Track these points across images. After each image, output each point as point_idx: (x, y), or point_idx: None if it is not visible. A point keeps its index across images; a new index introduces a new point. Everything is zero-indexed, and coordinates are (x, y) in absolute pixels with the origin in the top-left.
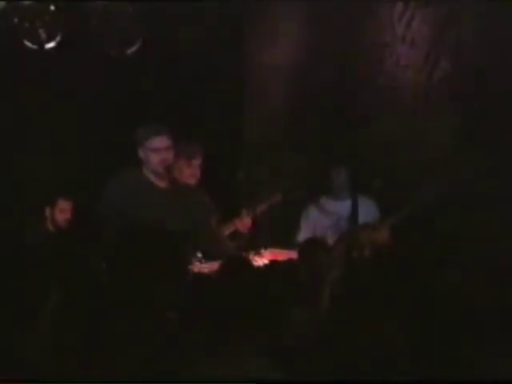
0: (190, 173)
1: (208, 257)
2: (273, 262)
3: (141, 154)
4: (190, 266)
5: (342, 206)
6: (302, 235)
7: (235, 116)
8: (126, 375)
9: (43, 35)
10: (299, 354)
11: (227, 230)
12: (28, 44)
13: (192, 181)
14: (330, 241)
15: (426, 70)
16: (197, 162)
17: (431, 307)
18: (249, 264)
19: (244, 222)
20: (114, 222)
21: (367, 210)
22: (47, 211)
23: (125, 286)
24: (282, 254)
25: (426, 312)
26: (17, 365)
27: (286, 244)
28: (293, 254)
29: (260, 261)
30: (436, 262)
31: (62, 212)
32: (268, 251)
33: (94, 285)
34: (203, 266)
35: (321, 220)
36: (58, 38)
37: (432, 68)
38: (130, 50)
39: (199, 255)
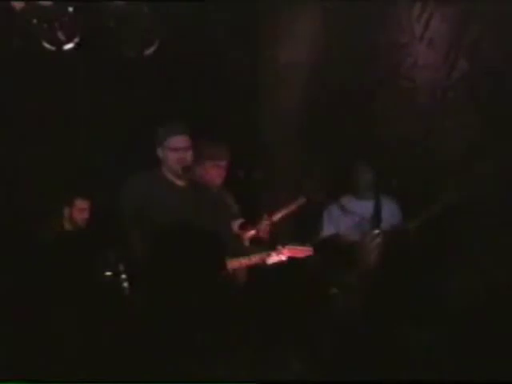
0: (216, 174)
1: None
2: (291, 259)
3: (160, 153)
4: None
5: (365, 207)
6: (325, 235)
7: (251, 115)
8: (125, 375)
9: (61, 36)
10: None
11: (248, 234)
12: (46, 45)
13: (218, 182)
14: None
15: (445, 70)
16: (223, 163)
17: (447, 307)
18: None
19: (265, 228)
20: (133, 221)
21: (390, 211)
22: (65, 211)
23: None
24: (301, 251)
25: (439, 313)
26: (17, 365)
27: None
28: (311, 251)
29: (277, 258)
30: (457, 262)
31: (80, 211)
32: (286, 248)
33: (110, 284)
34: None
35: (343, 220)
36: (76, 39)
37: (450, 68)
38: (148, 51)
39: None
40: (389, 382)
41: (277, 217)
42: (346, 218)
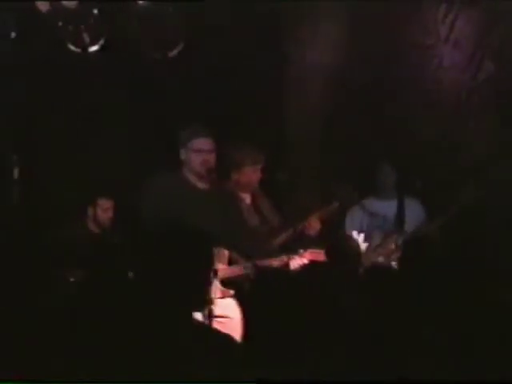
0: (255, 178)
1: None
2: (312, 263)
3: (183, 154)
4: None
5: (388, 207)
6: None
7: (276, 116)
8: (125, 375)
9: (87, 38)
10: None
11: (282, 238)
12: (72, 47)
13: (255, 185)
14: (377, 242)
15: (470, 71)
16: (259, 167)
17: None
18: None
19: (314, 226)
20: (154, 222)
21: (413, 211)
22: (89, 211)
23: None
24: (322, 255)
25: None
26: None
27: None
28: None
29: (300, 261)
30: (476, 261)
31: (104, 211)
32: (308, 252)
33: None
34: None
35: (366, 221)
36: (101, 41)
37: (476, 69)
38: (173, 52)
39: None
40: (392, 383)
41: (313, 219)
42: (369, 219)
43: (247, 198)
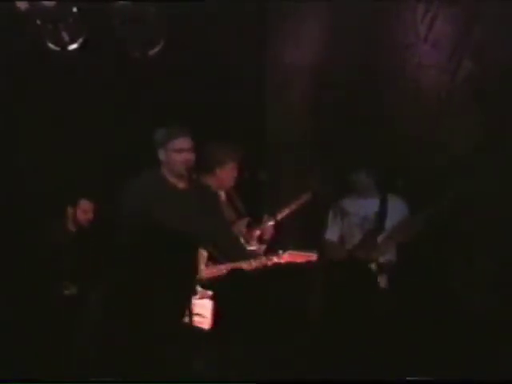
0: (232, 176)
1: (226, 258)
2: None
3: (162, 154)
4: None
5: (369, 205)
6: (329, 234)
7: (258, 116)
8: (126, 375)
9: (66, 37)
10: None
11: (256, 234)
12: (51, 46)
13: (232, 183)
14: (357, 239)
15: (450, 70)
16: (237, 165)
17: (454, 307)
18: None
19: (268, 229)
20: (133, 223)
21: (396, 209)
22: (69, 212)
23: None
24: (301, 256)
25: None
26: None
27: (311, 244)
28: (312, 256)
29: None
30: (460, 262)
31: (84, 212)
32: (287, 253)
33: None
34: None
35: (347, 219)
36: (80, 40)
37: (455, 68)
38: (153, 51)
39: None
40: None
41: (282, 215)
42: (350, 217)
43: (222, 195)
